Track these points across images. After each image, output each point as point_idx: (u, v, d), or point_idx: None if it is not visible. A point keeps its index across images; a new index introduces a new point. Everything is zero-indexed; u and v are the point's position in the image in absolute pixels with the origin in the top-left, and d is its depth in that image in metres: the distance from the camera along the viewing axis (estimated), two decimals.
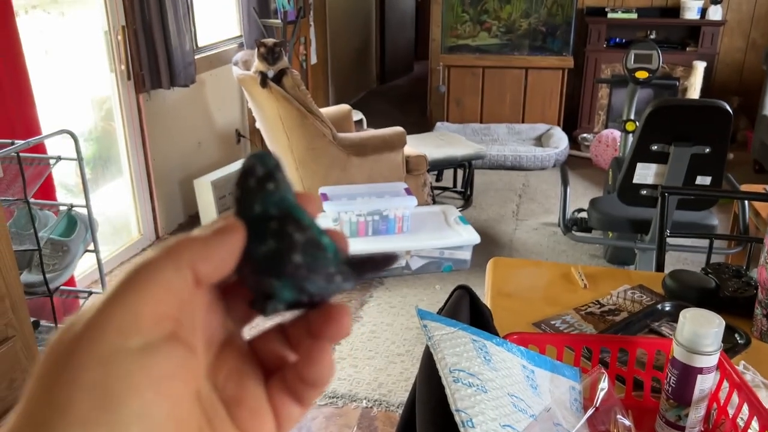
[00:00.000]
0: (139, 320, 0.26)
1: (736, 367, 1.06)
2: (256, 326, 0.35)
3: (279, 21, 4.46)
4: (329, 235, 0.32)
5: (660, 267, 1.88)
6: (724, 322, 0.92)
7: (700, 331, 0.91)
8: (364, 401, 2.41)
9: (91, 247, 2.49)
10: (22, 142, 2.12)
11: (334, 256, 0.31)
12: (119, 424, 0.25)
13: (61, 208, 2.47)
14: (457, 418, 0.76)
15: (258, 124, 3.77)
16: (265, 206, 0.30)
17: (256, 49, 3.35)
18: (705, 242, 1.87)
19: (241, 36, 4.45)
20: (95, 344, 0.25)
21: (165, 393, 0.26)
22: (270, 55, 3.29)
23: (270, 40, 3.41)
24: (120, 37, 3.26)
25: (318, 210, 0.33)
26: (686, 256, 3.45)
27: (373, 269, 0.33)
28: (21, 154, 2.11)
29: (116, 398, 0.25)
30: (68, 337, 0.26)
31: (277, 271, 0.30)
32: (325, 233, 0.31)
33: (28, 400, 0.26)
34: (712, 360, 0.92)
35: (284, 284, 0.30)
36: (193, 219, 3.96)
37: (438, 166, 4.20)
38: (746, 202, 2.58)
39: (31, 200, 2.18)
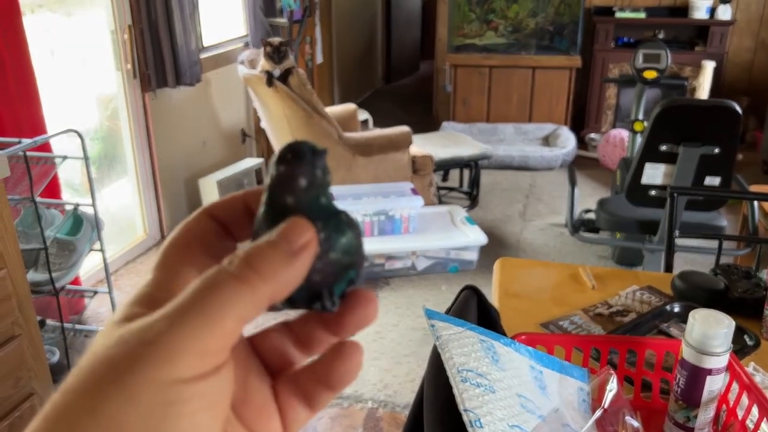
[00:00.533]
0: (206, 352, 0.25)
1: (746, 368, 1.05)
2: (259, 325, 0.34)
3: (285, 20, 4.46)
4: None
5: (669, 268, 1.87)
6: (733, 323, 0.91)
7: (709, 331, 0.90)
8: (370, 402, 2.40)
9: (97, 246, 2.49)
10: (29, 140, 2.12)
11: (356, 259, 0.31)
12: None
13: (67, 207, 2.47)
14: (465, 418, 0.76)
15: (263, 124, 3.76)
16: (328, 198, 0.29)
17: (262, 49, 3.35)
18: (714, 243, 1.86)
19: (246, 35, 4.45)
20: (157, 371, 0.24)
21: (218, 415, 0.26)
22: (276, 54, 3.29)
23: (276, 39, 3.41)
24: (126, 36, 3.26)
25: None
26: (695, 257, 3.43)
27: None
28: (27, 153, 2.11)
29: (169, 423, 0.24)
30: (124, 353, 0.25)
31: (351, 261, 0.29)
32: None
33: (65, 407, 0.25)
34: (722, 361, 0.91)
35: (352, 273, 0.30)
36: None
37: (444, 166, 4.20)
38: (755, 202, 2.56)
39: (38, 199, 2.19)
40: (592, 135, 5.40)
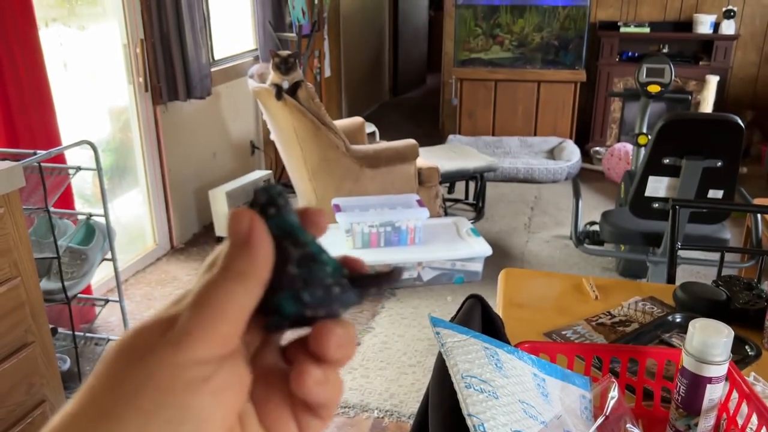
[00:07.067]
0: (213, 339, 0.29)
1: (747, 378, 1.07)
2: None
3: (294, 34, 4.51)
4: (340, 260, 0.34)
5: (671, 279, 1.89)
6: (733, 332, 0.93)
7: (709, 340, 0.92)
8: (376, 411, 2.42)
9: (109, 255, 2.52)
10: (44, 152, 2.16)
11: (334, 270, 0.33)
12: (177, 422, 0.28)
13: (80, 217, 2.51)
14: (468, 423, 0.78)
15: (272, 136, 3.81)
16: (268, 228, 0.33)
17: (271, 60, 3.40)
18: (717, 256, 1.88)
19: (256, 49, 4.50)
20: (170, 356, 0.28)
21: (222, 401, 0.29)
22: (283, 65, 3.34)
23: (284, 51, 3.46)
24: (138, 50, 3.31)
25: (326, 222, 0.35)
26: (698, 270, 3.44)
27: (376, 284, 0.34)
28: (42, 164, 2.15)
29: (179, 399, 0.28)
30: (143, 342, 0.29)
31: (278, 283, 0.32)
32: (325, 251, 0.34)
33: (93, 388, 0.29)
34: (721, 369, 0.93)
35: (284, 296, 0.32)
36: (207, 229, 4.00)
37: (450, 178, 4.22)
38: (759, 215, 2.58)
39: (51, 209, 2.22)
40: (597, 148, 5.43)
